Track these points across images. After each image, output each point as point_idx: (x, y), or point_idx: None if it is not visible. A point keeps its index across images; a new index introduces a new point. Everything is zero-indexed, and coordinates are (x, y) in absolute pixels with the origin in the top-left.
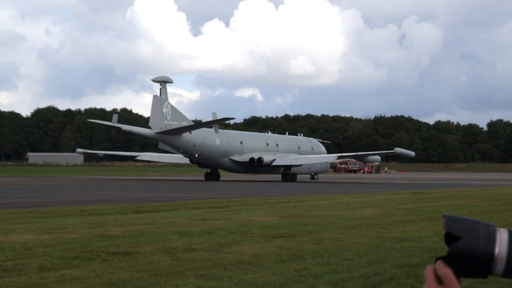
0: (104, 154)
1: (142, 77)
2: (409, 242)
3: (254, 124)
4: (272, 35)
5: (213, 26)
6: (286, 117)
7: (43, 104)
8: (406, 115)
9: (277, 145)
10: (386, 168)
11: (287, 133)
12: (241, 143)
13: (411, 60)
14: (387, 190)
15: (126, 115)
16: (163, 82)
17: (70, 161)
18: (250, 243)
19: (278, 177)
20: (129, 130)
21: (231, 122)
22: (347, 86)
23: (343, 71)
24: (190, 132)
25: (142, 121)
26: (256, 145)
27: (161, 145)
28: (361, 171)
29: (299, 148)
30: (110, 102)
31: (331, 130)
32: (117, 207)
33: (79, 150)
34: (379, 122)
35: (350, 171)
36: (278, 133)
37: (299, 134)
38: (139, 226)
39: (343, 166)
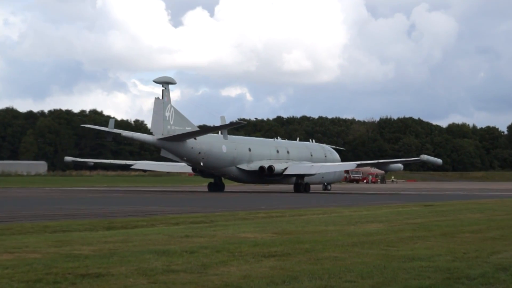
0: (94, 163)
1: (115, 74)
2: (419, 262)
3: (242, 128)
4: (263, 26)
5: (195, 16)
6: (279, 119)
7: (0, 106)
8: (416, 117)
9: (288, 152)
10: (392, 177)
11: (298, 139)
12: (249, 150)
13: (421, 55)
14: (394, 202)
15: (96, 118)
16: (166, 83)
17: (32, 170)
18: (238, 263)
19: (289, 188)
20: (130, 136)
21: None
22: (348, 84)
23: (344, 66)
24: (195, 138)
25: (115, 124)
26: (266, 152)
27: (163, 153)
28: (365, 181)
29: (311, 155)
30: (78, 102)
31: (330, 134)
32: (86, 223)
33: (67, 158)
34: (385, 125)
35: (352, 180)
36: (282, 139)
37: (311, 140)
38: (112, 244)
39: (344, 175)
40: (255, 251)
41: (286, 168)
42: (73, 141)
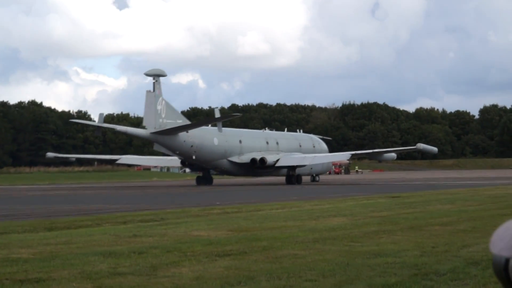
0: (76, 159)
1: (55, 62)
2: (385, 258)
3: (194, 117)
4: (216, 7)
5: None
6: (234, 107)
7: None
8: (381, 102)
9: (277, 143)
10: (357, 167)
11: (285, 129)
12: (240, 142)
13: (387, 35)
14: (359, 195)
15: (35, 109)
16: (157, 75)
17: None
18: (190, 264)
19: (281, 180)
20: (124, 131)
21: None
22: (309, 68)
23: (304, 49)
24: (187, 132)
25: (55, 116)
26: (256, 144)
27: (156, 147)
28: (328, 172)
29: (300, 146)
30: (15, 93)
31: (289, 123)
32: (25, 224)
33: (49, 154)
34: (348, 111)
35: None
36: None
37: (298, 130)
38: (53, 246)
39: None
40: (208, 251)
41: (278, 160)
42: (11, 135)
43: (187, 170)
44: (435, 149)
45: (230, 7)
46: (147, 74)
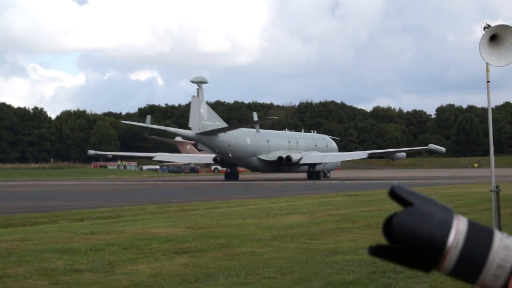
0: (113, 156)
1: (13, 58)
2: (343, 255)
3: (152, 114)
4: (177, 4)
5: None
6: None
7: None
8: (339, 101)
9: (297, 142)
10: None
11: (302, 130)
12: (268, 141)
13: (346, 34)
14: (316, 193)
15: None
16: (200, 82)
17: None
18: (148, 261)
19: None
20: (174, 131)
21: (124, 113)
22: (268, 66)
23: (264, 48)
24: (225, 133)
25: (10, 112)
26: (281, 143)
27: (200, 146)
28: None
29: (315, 145)
30: None
31: (246, 121)
32: None
33: (90, 151)
34: (305, 109)
35: None
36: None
37: (312, 131)
38: (8, 243)
39: None
40: (166, 248)
41: (301, 158)
42: None
43: (215, 167)
44: (443, 149)
45: (191, 4)
46: (193, 81)
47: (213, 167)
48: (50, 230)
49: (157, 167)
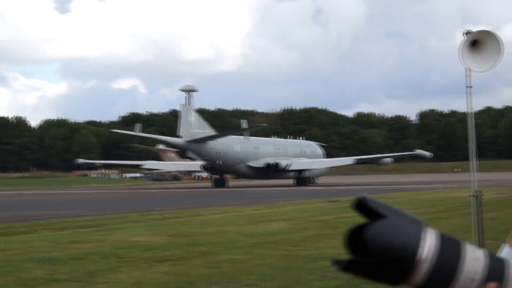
0: (101, 164)
1: None
2: (324, 262)
3: (133, 122)
4: (160, 12)
5: (84, 2)
6: (173, 113)
7: None
8: (322, 107)
9: (285, 149)
10: None
11: (290, 137)
12: (256, 148)
13: (329, 40)
14: (298, 199)
15: None
16: (190, 91)
17: None
18: (129, 270)
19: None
20: (164, 139)
21: (106, 121)
22: (251, 73)
23: (247, 55)
24: (215, 140)
25: None
26: (269, 150)
27: (189, 153)
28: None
29: (301, 152)
30: None
31: (229, 128)
32: None
33: (80, 160)
34: (288, 116)
35: None
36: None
37: (300, 138)
38: None
39: None
40: (147, 256)
41: (290, 164)
42: None
43: (204, 174)
44: (429, 154)
45: (174, 12)
46: (182, 90)
47: (194, 175)
48: (31, 240)
49: (138, 174)
